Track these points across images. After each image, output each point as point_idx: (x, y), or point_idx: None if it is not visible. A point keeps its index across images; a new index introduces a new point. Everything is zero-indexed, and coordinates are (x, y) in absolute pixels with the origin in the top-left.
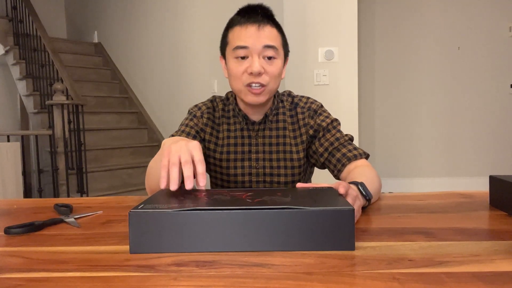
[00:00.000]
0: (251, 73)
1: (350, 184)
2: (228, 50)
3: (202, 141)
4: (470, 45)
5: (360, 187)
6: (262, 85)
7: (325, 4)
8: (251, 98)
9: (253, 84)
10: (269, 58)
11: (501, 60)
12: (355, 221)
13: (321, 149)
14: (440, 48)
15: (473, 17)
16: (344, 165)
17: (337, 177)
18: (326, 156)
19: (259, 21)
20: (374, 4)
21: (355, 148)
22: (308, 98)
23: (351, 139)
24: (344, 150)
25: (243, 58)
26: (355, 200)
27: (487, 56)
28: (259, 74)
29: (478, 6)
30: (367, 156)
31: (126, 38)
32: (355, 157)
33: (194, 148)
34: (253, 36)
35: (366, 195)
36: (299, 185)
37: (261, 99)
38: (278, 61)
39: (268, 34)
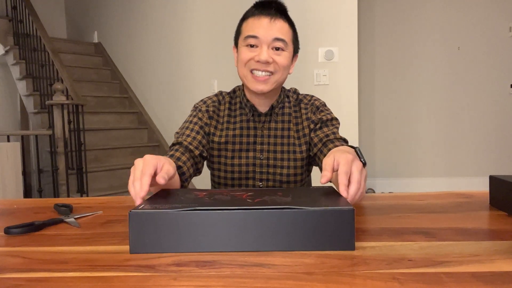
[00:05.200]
0: (258, 61)
1: (346, 147)
2: (241, 39)
3: (207, 135)
4: (470, 45)
5: (357, 149)
6: (270, 73)
7: (325, 4)
8: (254, 86)
9: (260, 72)
10: (277, 49)
11: (501, 60)
12: (363, 184)
13: (315, 139)
14: (440, 48)
15: (473, 17)
16: None
17: None
18: (320, 146)
19: (272, 14)
20: (374, 4)
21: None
22: (312, 96)
23: (346, 141)
24: (337, 143)
25: (252, 46)
26: (353, 162)
27: (487, 56)
28: (267, 63)
29: (478, 6)
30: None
31: (126, 38)
32: None
33: (146, 166)
34: (265, 28)
35: (361, 158)
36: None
37: (265, 87)
38: (287, 53)
39: (279, 28)
